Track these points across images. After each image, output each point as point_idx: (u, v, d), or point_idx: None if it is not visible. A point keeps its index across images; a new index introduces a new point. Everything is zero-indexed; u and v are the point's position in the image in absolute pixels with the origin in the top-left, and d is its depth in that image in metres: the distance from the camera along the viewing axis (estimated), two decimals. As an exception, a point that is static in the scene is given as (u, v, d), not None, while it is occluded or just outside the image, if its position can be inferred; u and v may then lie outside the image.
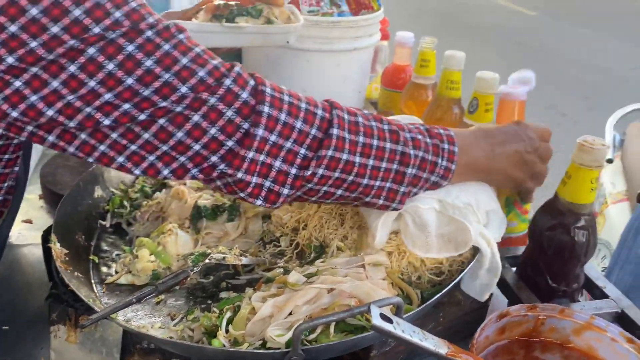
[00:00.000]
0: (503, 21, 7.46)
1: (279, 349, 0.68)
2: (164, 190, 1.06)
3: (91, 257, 0.93)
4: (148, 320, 0.82)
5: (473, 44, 6.13)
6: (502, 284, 0.91)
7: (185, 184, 1.05)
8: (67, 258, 0.85)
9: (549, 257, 0.87)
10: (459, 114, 1.20)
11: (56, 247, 0.83)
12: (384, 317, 0.57)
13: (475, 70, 1.19)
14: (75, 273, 0.84)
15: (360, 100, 1.51)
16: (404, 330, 0.57)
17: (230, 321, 0.75)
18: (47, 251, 0.90)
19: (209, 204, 1.00)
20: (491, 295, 0.87)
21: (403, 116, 1.09)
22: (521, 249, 0.98)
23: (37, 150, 1.48)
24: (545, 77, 5.52)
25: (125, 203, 1.04)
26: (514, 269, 0.94)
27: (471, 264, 0.80)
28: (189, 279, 0.86)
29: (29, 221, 1.18)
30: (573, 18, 7.72)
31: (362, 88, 1.49)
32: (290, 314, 0.73)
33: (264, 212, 1.02)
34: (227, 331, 0.73)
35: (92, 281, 0.89)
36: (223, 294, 0.86)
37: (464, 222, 0.79)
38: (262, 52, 1.38)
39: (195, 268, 0.86)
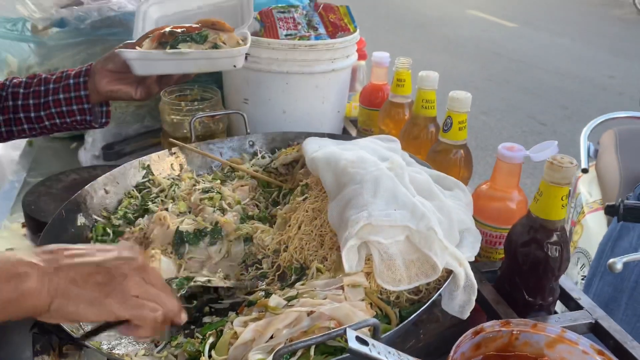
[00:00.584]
0: (481, 33, 7.60)
1: (260, 373, 0.69)
2: (146, 216, 1.07)
3: None
4: (132, 348, 0.83)
5: (451, 57, 6.22)
6: (481, 299, 0.93)
7: (167, 209, 1.07)
8: (49, 288, 0.85)
9: (525, 272, 0.90)
10: (435, 132, 1.23)
11: (39, 278, 0.84)
12: (359, 339, 0.59)
13: (455, 83, 1.23)
14: (58, 303, 0.84)
15: (340, 119, 1.54)
16: (380, 352, 0.59)
17: (213, 346, 0.76)
18: (30, 281, 0.90)
19: (190, 229, 1.01)
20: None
21: (381, 136, 1.12)
22: (498, 264, 1.00)
23: (19, 178, 1.49)
24: (525, 87, 5.64)
25: (109, 230, 1.05)
26: (492, 284, 0.96)
27: (446, 283, 0.82)
28: None
29: (11, 250, 1.18)
30: (552, 29, 7.88)
31: (341, 107, 1.52)
32: (271, 337, 0.74)
33: (245, 234, 1.04)
34: (210, 356, 0.74)
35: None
36: (206, 319, 0.88)
37: (429, 253, 0.81)
38: (241, 75, 1.40)
39: (181, 291, 0.87)
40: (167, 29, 1.13)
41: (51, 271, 0.64)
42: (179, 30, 1.14)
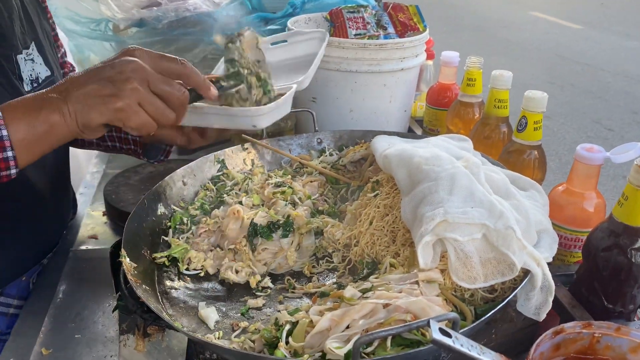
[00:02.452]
0: (544, 35, 7.36)
1: (337, 360, 0.71)
2: (222, 207, 1.11)
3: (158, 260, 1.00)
4: (210, 333, 0.87)
5: (512, 60, 6.07)
6: (555, 303, 0.91)
7: (241, 202, 1.10)
8: (135, 272, 0.90)
9: (605, 278, 0.87)
10: (507, 132, 1.22)
11: (126, 262, 0.89)
12: (442, 331, 0.59)
13: (516, 86, 1.20)
14: (143, 286, 0.89)
15: (406, 119, 1.54)
16: (463, 344, 0.59)
17: (289, 333, 0.78)
18: (114, 265, 0.96)
19: (264, 222, 1.05)
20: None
21: (452, 135, 1.12)
22: (574, 268, 0.98)
23: (99, 169, 1.57)
24: (591, 91, 5.42)
25: (185, 220, 1.09)
26: (567, 287, 0.94)
27: (522, 283, 0.81)
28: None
29: (94, 237, 1.26)
30: (620, 31, 7.54)
31: (407, 107, 1.52)
32: (347, 327, 0.76)
33: (316, 228, 1.06)
34: (287, 343, 0.77)
35: (158, 293, 0.94)
36: (280, 307, 0.90)
37: (507, 252, 0.80)
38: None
39: None
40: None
41: (66, 96, 0.80)
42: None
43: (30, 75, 1.09)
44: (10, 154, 0.79)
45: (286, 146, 1.31)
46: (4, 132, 0.78)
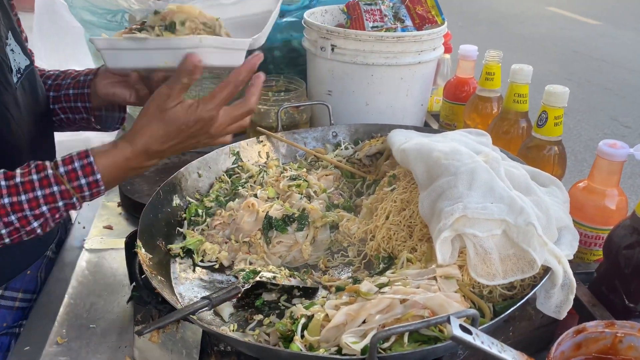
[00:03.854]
0: (560, 31, 7.26)
1: (353, 355, 0.70)
2: (236, 199, 1.10)
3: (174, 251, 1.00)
4: (224, 325, 0.87)
5: (528, 55, 5.99)
6: (575, 301, 0.89)
7: (256, 195, 1.10)
8: (151, 262, 0.90)
9: (626, 276, 0.85)
10: (527, 128, 1.20)
11: (142, 252, 0.89)
12: (463, 328, 0.58)
13: (531, 82, 1.18)
14: (159, 277, 0.89)
15: (423, 113, 1.52)
16: (483, 341, 0.58)
17: (305, 327, 0.77)
18: (129, 255, 0.96)
19: (279, 215, 1.04)
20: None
21: (470, 130, 1.10)
22: (594, 266, 0.96)
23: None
24: (608, 88, 5.34)
25: (200, 211, 1.09)
26: (587, 285, 0.93)
27: (543, 281, 0.80)
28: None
29: (109, 227, 1.26)
30: (638, 27, 7.42)
31: (424, 101, 1.50)
32: (363, 322, 0.75)
33: (331, 222, 1.05)
34: (302, 336, 0.76)
35: (173, 284, 0.94)
36: (295, 301, 0.90)
37: (527, 249, 0.79)
38: (326, 67, 1.41)
39: (246, 285, 0.87)
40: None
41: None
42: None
43: (14, 66, 1.04)
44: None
45: (301, 139, 1.31)
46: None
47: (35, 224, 0.86)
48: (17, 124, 0.99)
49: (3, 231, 0.85)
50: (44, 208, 0.85)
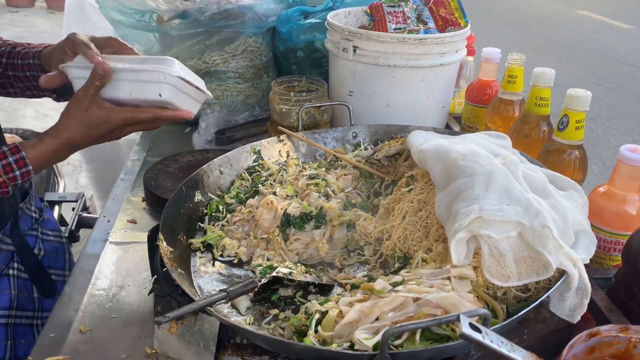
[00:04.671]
0: (591, 35, 7.12)
1: (365, 351, 0.71)
2: (256, 197, 1.12)
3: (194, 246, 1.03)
4: (241, 318, 0.89)
5: (556, 59, 5.90)
6: (591, 306, 0.89)
7: (275, 193, 1.12)
8: (172, 255, 0.93)
9: (644, 282, 0.85)
10: (548, 131, 1.19)
11: (163, 245, 0.92)
12: (473, 326, 0.59)
13: (559, 86, 1.17)
14: (179, 270, 0.91)
15: (444, 115, 1.52)
16: (493, 340, 0.59)
17: (319, 322, 0.79)
18: (151, 248, 0.99)
19: (297, 213, 1.06)
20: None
21: (491, 132, 1.10)
22: (612, 271, 0.95)
23: (139, 157, 1.62)
24: (639, 94, 5.21)
25: (221, 207, 1.12)
26: (605, 290, 0.92)
27: (557, 283, 0.79)
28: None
29: (133, 221, 1.29)
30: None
31: (446, 103, 1.50)
32: (376, 319, 0.76)
33: (348, 221, 1.06)
34: (316, 331, 0.78)
35: (193, 277, 0.96)
36: (311, 297, 0.91)
37: (542, 251, 0.78)
38: (348, 68, 1.43)
39: (262, 279, 0.89)
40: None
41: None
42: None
43: None
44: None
45: (321, 139, 1.32)
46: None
47: None
48: None
49: None
50: None
